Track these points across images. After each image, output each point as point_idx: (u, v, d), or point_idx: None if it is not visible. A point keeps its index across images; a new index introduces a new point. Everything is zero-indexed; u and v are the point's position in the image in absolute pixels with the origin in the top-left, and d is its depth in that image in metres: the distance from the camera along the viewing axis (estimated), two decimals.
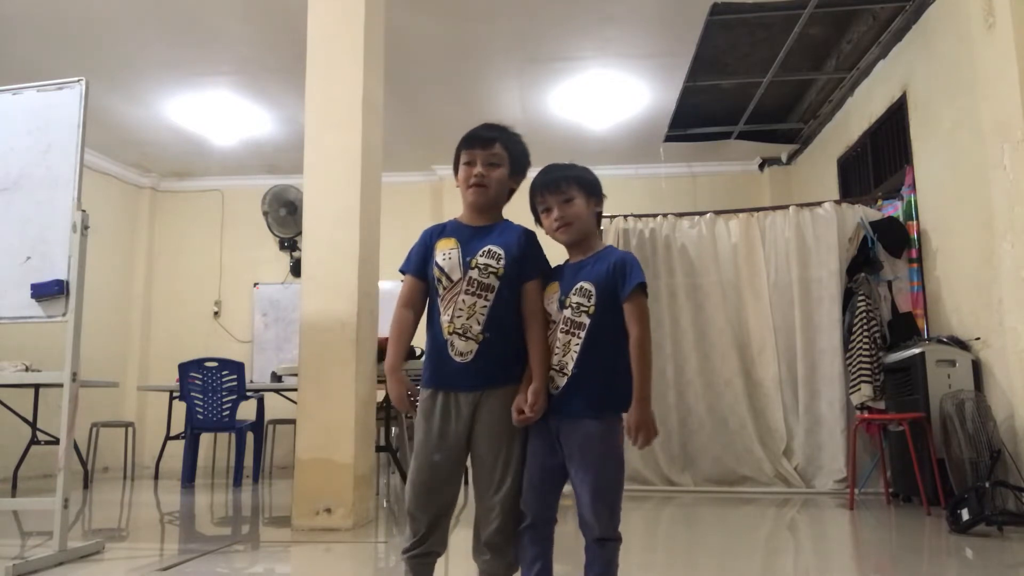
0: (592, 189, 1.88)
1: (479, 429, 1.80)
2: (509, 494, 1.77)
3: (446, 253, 1.85)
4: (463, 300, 1.80)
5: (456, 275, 1.82)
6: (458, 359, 1.79)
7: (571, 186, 1.84)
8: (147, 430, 7.66)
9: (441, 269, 1.84)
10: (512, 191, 1.96)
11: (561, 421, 1.77)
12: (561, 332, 1.79)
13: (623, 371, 1.76)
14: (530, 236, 1.89)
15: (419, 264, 1.90)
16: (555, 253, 1.95)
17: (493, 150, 1.88)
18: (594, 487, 1.73)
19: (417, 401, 1.86)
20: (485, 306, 1.80)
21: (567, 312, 1.79)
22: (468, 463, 1.87)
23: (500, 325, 1.80)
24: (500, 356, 1.80)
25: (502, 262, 1.82)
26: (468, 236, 1.87)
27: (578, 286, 1.79)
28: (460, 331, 1.79)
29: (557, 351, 1.79)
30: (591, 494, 1.72)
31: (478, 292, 1.80)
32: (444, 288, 1.83)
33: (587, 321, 1.76)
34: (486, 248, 1.83)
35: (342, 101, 3.94)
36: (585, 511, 1.74)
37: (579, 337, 1.76)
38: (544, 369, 1.79)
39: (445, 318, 1.81)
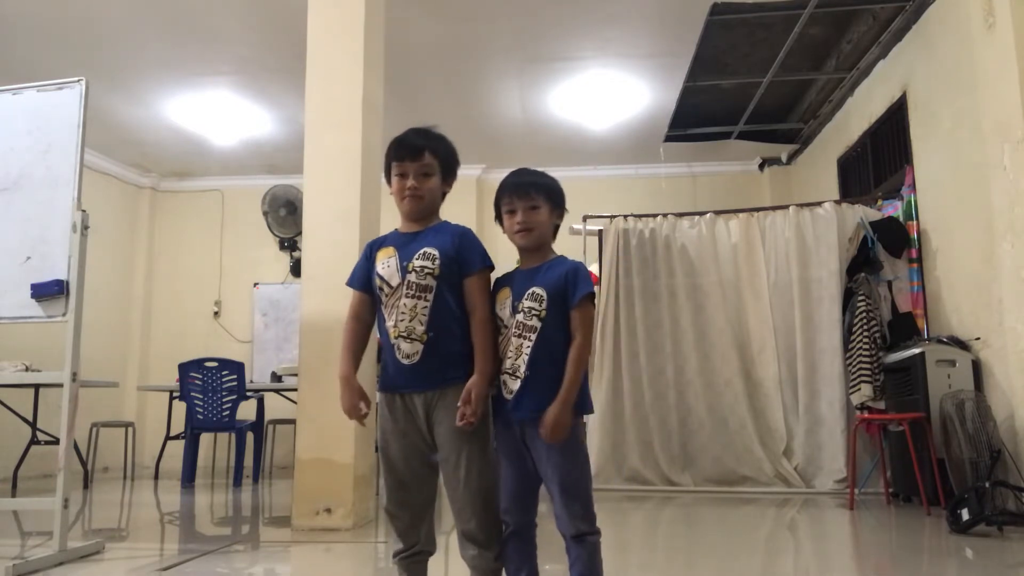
0: (558, 201, 1.91)
1: (439, 431, 1.83)
2: (478, 490, 1.80)
3: (385, 261, 1.90)
4: (404, 303, 1.84)
5: (395, 280, 1.86)
6: (405, 361, 1.83)
7: (539, 194, 1.87)
8: (147, 430, 7.66)
9: (381, 277, 1.89)
10: (445, 193, 1.99)
11: (523, 425, 1.79)
12: (514, 336, 1.81)
13: None
14: (466, 233, 1.92)
15: (363, 277, 1.95)
16: (504, 250, 1.98)
17: (423, 160, 1.91)
18: (563, 486, 1.76)
19: (366, 414, 1.91)
20: (426, 307, 1.83)
21: (519, 316, 1.81)
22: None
23: (443, 324, 1.83)
24: (447, 355, 1.83)
25: (437, 262, 1.85)
26: (405, 242, 1.92)
27: (530, 291, 1.82)
28: (405, 334, 1.83)
29: (510, 355, 1.81)
30: (561, 493, 1.76)
31: (417, 294, 1.83)
32: (386, 295, 1.88)
33: (538, 324, 1.79)
34: (422, 250, 1.87)
35: (342, 101, 3.94)
36: (559, 509, 1.77)
37: (530, 340, 1.79)
38: (485, 364, 1.81)
39: (390, 323, 1.86)
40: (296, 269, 7.92)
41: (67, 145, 3.10)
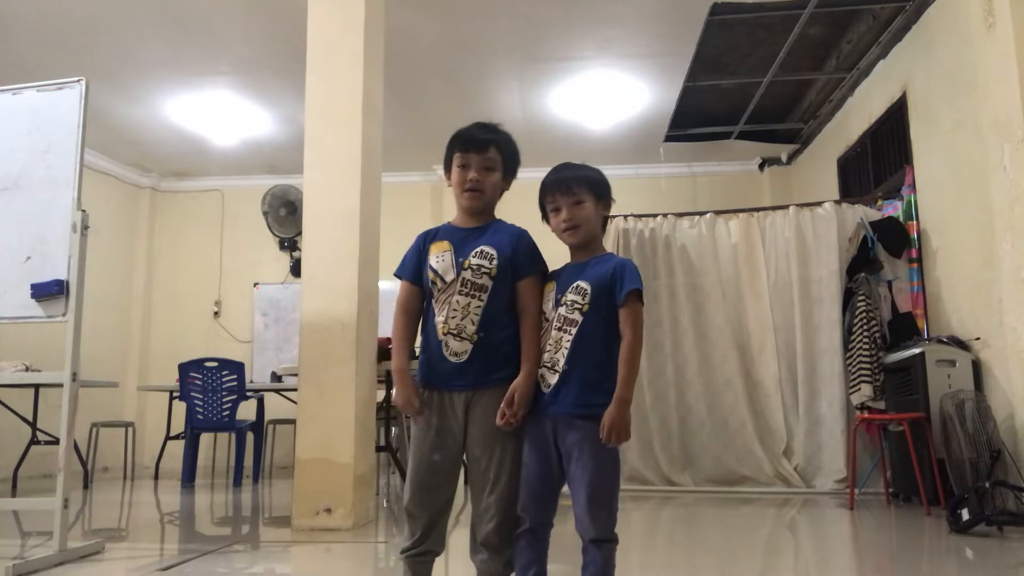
0: (602, 192, 1.87)
1: (473, 429, 1.80)
2: (504, 494, 1.78)
3: (439, 256, 1.86)
4: (457, 300, 1.81)
5: (450, 276, 1.83)
6: (453, 359, 1.80)
7: (582, 188, 1.83)
8: (147, 430, 7.66)
9: (435, 271, 1.85)
10: (503, 191, 1.96)
11: (556, 421, 1.77)
12: (555, 329, 1.79)
13: (614, 373, 1.74)
14: (523, 235, 1.90)
15: (414, 269, 1.91)
16: (554, 251, 1.95)
17: (488, 154, 1.88)
18: (589, 487, 1.72)
19: (421, 408, 1.84)
20: (479, 306, 1.81)
21: (562, 310, 1.79)
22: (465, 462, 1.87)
23: (495, 325, 1.81)
24: (494, 356, 1.81)
25: (495, 262, 1.83)
26: (461, 238, 1.88)
27: (575, 285, 1.80)
28: (455, 331, 1.80)
29: (549, 348, 1.79)
30: (587, 495, 1.72)
31: (472, 292, 1.81)
32: (439, 290, 1.85)
33: (579, 319, 1.77)
34: (478, 249, 1.84)
35: (342, 101, 3.94)
36: (581, 512, 1.73)
37: (570, 334, 1.77)
38: (532, 366, 1.79)
39: (440, 319, 1.82)
40: (296, 269, 7.92)
41: (67, 145, 3.09)
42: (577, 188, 1.83)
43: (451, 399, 1.81)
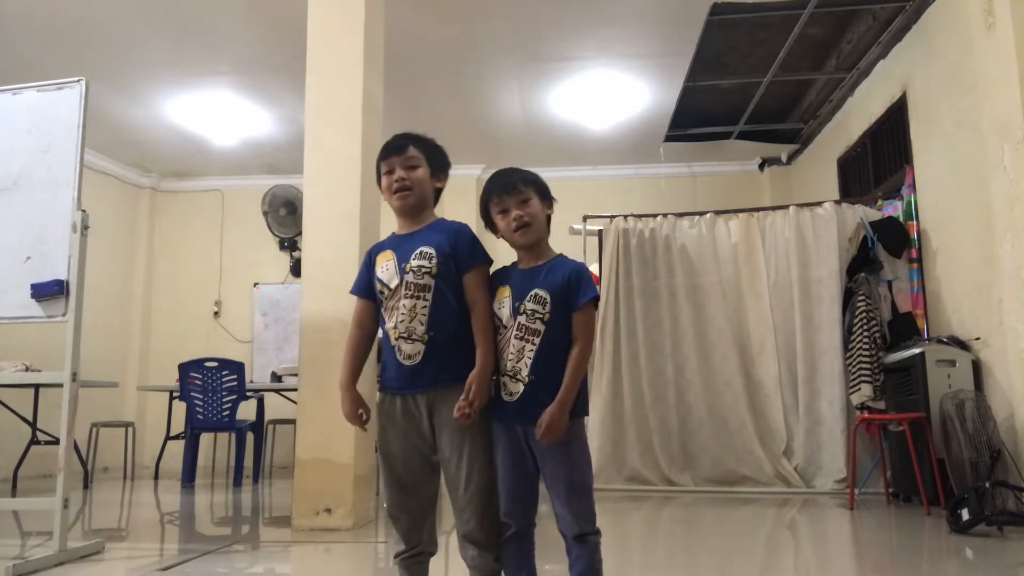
0: (545, 192, 1.89)
1: (440, 430, 1.82)
2: (480, 490, 1.79)
3: (384, 265, 1.90)
4: (403, 304, 1.83)
5: (394, 282, 1.86)
6: (407, 363, 1.82)
7: (528, 187, 1.86)
8: (147, 430, 7.66)
9: (381, 281, 1.88)
10: (439, 191, 1.99)
11: (527, 427, 1.78)
12: (515, 338, 1.79)
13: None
14: (462, 229, 1.91)
15: (364, 284, 1.95)
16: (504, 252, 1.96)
17: (408, 153, 1.92)
18: (568, 486, 1.76)
19: (367, 419, 1.91)
20: (425, 306, 1.82)
21: (521, 319, 1.79)
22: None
23: (443, 323, 1.82)
24: (448, 354, 1.82)
25: (434, 260, 1.84)
26: (401, 243, 1.92)
27: (533, 293, 1.80)
28: (405, 335, 1.82)
29: (511, 357, 1.79)
30: (566, 493, 1.76)
31: (416, 294, 1.83)
32: (386, 297, 1.87)
33: (542, 328, 1.78)
34: (418, 250, 1.86)
35: (342, 101, 3.94)
36: (561, 509, 1.77)
37: (533, 344, 1.77)
38: (486, 358, 1.79)
39: (390, 324, 1.85)
40: (296, 269, 7.92)
41: (67, 145, 3.10)
42: (523, 187, 1.85)
43: (414, 401, 1.83)
